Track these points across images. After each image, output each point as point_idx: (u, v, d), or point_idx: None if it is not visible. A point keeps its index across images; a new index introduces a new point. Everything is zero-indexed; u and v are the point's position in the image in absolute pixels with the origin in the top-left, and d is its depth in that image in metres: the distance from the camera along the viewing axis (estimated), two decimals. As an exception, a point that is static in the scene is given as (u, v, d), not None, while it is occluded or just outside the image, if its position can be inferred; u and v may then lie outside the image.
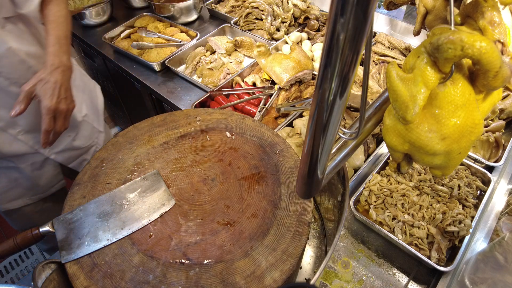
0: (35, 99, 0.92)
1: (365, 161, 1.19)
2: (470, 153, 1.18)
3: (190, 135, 0.92)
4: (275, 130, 1.12)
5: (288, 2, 1.85)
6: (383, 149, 1.24)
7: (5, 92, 0.98)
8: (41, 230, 0.72)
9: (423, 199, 1.05)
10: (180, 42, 1.77)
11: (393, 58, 1.58)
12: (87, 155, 1.35)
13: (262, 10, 1.79)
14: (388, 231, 1.00)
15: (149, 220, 0.74)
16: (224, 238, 0.72)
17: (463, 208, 1.04)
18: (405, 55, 1.59)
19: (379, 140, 1.29)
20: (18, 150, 1.06)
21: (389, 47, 1.64)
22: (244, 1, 1.89)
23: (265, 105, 1.45)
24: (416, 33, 0.79)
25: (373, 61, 1.60)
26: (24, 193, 1.23)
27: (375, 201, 1.06)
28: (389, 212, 1.03)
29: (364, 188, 1.09)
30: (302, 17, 1.83)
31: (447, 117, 0.50)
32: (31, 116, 1.05)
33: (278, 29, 1.78)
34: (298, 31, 1.78)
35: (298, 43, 1.73)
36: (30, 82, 0.91)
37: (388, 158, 1.17)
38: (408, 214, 1.02)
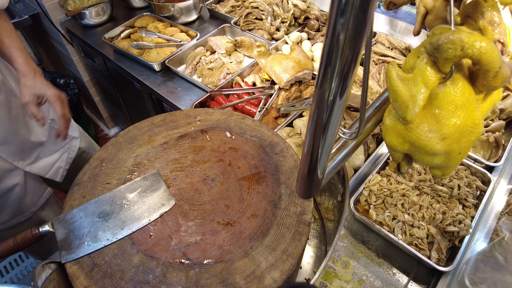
0: (41, 100, 0.99)
1: (365, 161, 1.19)
2: (470, 153, 1.18)
3: (190, 135, 0.92)
4: (275, 130, 1.12)
5: (288, 2, 1.85)
6: (383, 149, 1.24)
7: None
8: (41, 230, 0.72)
9: (423, 199, 1.05)
10: (180, 42, 1.77)
11: (393, 58, 1.58)
12: (61, 163, 1.31)
13: (262, 10, 1.79)
14: (388, 231, 1.00)
15: (149, 220, 0.74)
16: (224, 238, 0.72)
17: (463, 208, 1.04)
18: (405, 55, 1.59)
19: (379, 140, 1.29)
20: None
21: (389, 47, 1.64)
22: (244, 1, 1.89)
23: (265, 105, 1.45)
24: (416, 33, 0.79)
25: (373, 61, 1.60)
26: (15, 213, 1.21)
27: (375, 201, 1.06)
28: (389, 212, 1.03)
29: (364, 188, 1.09)
30: (302, 17, 1.83)
31: (447, 117, 0.50)
32: (1, 128, 1.04)
33: (278, 29, 1.78)
34: (298, 31, 1.78)
35: (298, 43, 1.73)
36: (25, 94, 0.98)
37: (388, 158, 1.17)
38: (408, 214, 1.02)
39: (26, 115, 1.15)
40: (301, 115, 1.35)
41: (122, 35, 1.85)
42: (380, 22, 1.83)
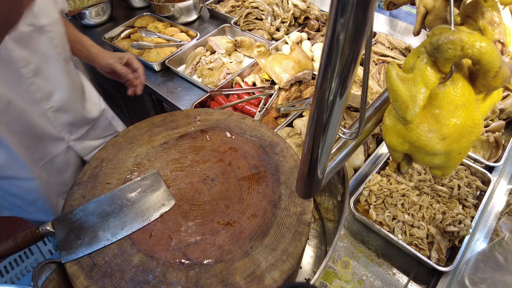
0: (122, 61, 1.19)
1: (365, 161, 1.19)
2: (470, 153, 1.18)
3: (190, 135, 0.92)
4: (275, 130, 1.12)
5: (288, 2, 1.85)
6: (383, 149, 1.24)
7: (53, 60, 1.00)
8: (41, 230, 0.72)
9: (423, 199, 1.05)
10: (180, 42, 1.77)
11: (393, 58, 1.58)
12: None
13: (262, 10, 1.79)
14: (388, 231, 1.00)
15: (149, 220, 0.74)
16: (224, 238, 0.72)
17: (463, 208, 1.04)
18: (405, 55, 1.59)
19: (379, 140, 1.29)
20: (44, 128, 1.06)
21: (389, 47, 1.64)
22: (244, 1, 1.89)
23: (265, 105, 1.45)
24: (416, 33, 0.79)
25: (373, 61, 1.60)
26: (57, 185, 1.22)
27: (375, 201, 1.06)
28: (389, 212, 1.03)
29: (364, 188, 1.09)
30: (302, 17, 1.83)
31: (447, 117, 0.50)
32: (64, 93, 1.07)
33: (278, 29, 1.78)
34: (298, 31, 1.78)
35: (298, 43, 1.73)
36: (108, 57, 1.17)
37: (388, 158, 1.17)
38: (408, 214, 1.02)
39: (86, 91, 1.23)
40: (301, 115, 1.35)
41: (122, 35, 1.85)
42: (380, 22, 1.83)
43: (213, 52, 1.76)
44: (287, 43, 1.70)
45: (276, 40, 1.75)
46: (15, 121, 0.96)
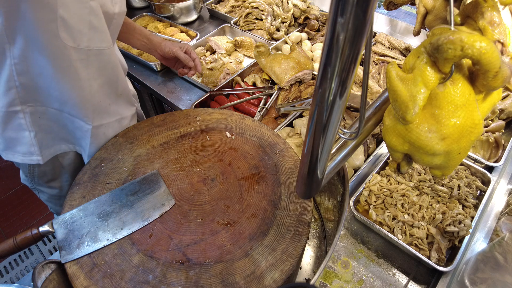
0: (184, 50, 1.28)
1: (365, 161, 1.19)
2: (470, 153, 1.18)
3: (190, 135, 0.92)
4: (275, 130, 1.12)
5: (288, 2, 1.85)
6: (383, 149, 1.24)
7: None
8: (40, 230, 0.72)
9: (423, 199, 1.05)
10: (180, 42, 1.77)
11: (393, 58, 1.58)
12: None
13: (262, 10, 1.79)
14: (388, 231, 0.99)
15: (149, 220, 0.74)
16: (224, 238, 0.71)
17: (463, 208, 1.04)
18: (405, 55, 1.59)
19: (379, 140, 1.29)
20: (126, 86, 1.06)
21: (389, 47, 1.64)
22: (244, 1, 1.89)
23: (265, 105, 1.45)
24: (416, 33, 0.79)
25: (373, 61, 1.60)
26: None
27: (375, 201, 1.06)
28: (389, 212, 1.03)
29: (364, 188, 1.09)
30: (302, 17, 1.83)
31: (447, 117, 0.50)
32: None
33: (278, 29, 1.78)
34: (298, 31, 1.78)
35: (298, 43, 1.73)
36: (171, 46, 1.26)
37: (388, 158, 1.17)
38: (408, 214, 1.02)
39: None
40: (301, 115, 1.35)
41: (122, 35, 1.85)
42: (380, 22, 1.83)
43: (213, 52, 1.76)
44: (287, 43, 1.70)
45: (276, 40, 1.75)
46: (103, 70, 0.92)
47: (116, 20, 0.94)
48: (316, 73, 1.54)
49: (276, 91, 1.50)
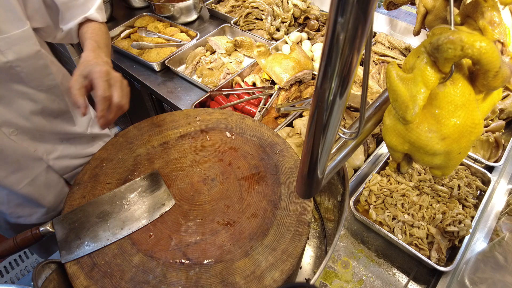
0: (87, 82, 0.79)
1: (365, 161, 1.19)
2: (470, 153, 1.18)
3: (190, 135, 0.92)
4: (275, 130, 1.12)
5: (288, 2, 1.85)
6: (383, 149, 1.24)
7: (11, 90, 0.94)
8: (41, 230, 0.72)
9: (423, 199, 1.05)
10: (180, 42, 1.77)
11: (393, 58, 1.58)
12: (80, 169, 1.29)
13: (262, 10, 1.79)
14: (388, 231, 1.00)
15: (149, 220, 0.74)
16: (224, 238, 0.71)
17: (463, 208, 1.04)
18: (405, 55, 1.59)
19: (379, 140, 1.29)
20: (13, 151, 1.00)
21: (389, 47, 1.64)
22: (244, 1, 1.89)
23: (265, 105, 1.45)
24: (416, 33, 0.79)
25: (373, 61, 1.60)
26: (34, 210, 1.18)
27: (375, 201, 1.06)
28: (389, 212, 1.03)
29: (364, 188, 1.09)
30: (302, 17, 1.83)
31: (447, 117, 0.50)
32: (25, 116, 1.01)
33: (278, 29, 1.78)
34: (298, 31, 1.78)
35: (298, 43, 1.73)
36: (73, 74, 0.79)
37: (388, 158, 1.17)
38: (408, 214, 1.02)
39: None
40: (301, 115, 1.35)
41: (122, 35, 1.85)
42: (380, 22, 1.83)
43: (213, 52, 1.76)
44: (287, 43, 1.70)
45: (276, 40, 1.75)
46: None
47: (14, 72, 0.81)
48: (316, 73, 1.54)
49: (276, 91, 1.50)
